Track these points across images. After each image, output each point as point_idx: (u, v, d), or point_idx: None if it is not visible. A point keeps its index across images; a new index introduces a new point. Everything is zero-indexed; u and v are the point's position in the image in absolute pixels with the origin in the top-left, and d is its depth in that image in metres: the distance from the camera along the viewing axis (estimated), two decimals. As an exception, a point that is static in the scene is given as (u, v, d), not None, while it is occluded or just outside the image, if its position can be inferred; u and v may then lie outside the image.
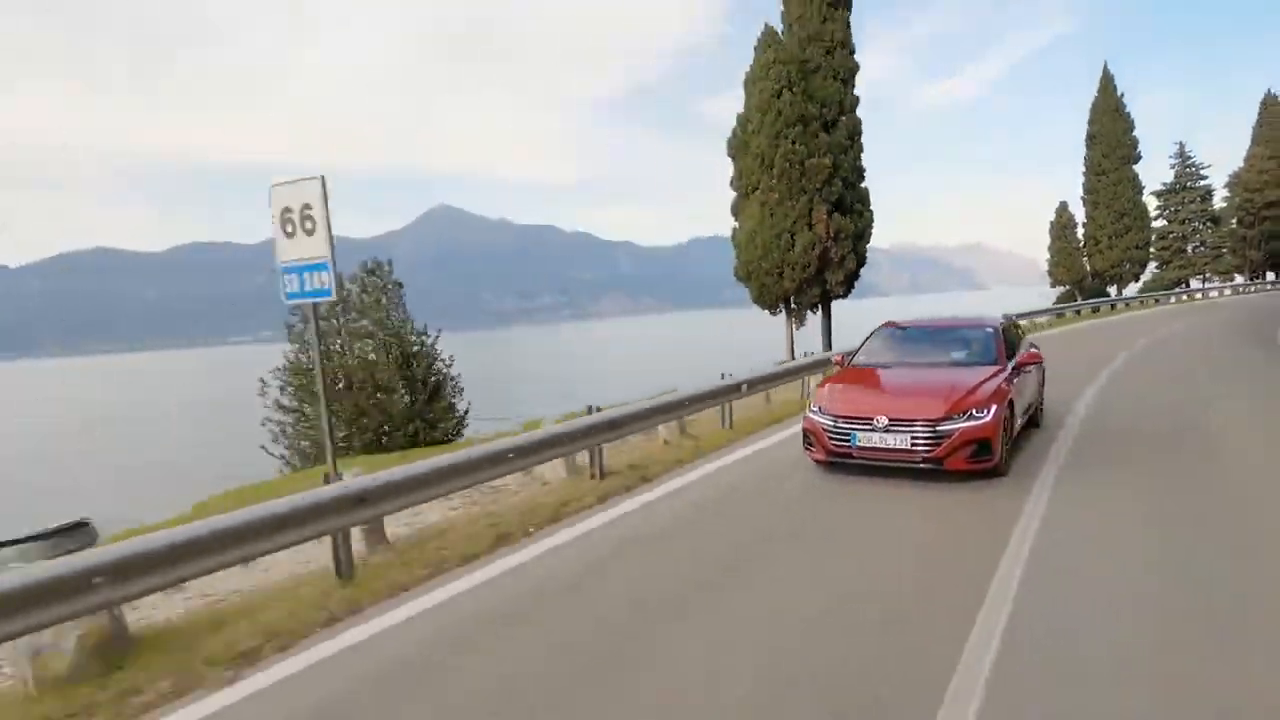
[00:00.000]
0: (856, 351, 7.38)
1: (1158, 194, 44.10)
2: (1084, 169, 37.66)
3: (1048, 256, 39.47)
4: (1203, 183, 44.63)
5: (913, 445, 5.63)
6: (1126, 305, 31.84)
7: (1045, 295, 39.54)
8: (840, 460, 6.01)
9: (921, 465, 5.64)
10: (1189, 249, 45.33)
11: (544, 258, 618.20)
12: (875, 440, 5.76)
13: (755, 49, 17.58)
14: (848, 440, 5.87)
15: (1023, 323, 22.99)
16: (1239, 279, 45.24)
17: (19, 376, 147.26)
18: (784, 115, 16.97)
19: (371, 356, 13.82)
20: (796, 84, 17.11)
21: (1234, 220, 45.35)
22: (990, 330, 7.00)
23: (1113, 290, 36.90)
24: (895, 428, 5.69)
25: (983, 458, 5.60)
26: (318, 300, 5.15)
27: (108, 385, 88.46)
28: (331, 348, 13.81)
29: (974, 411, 5.62)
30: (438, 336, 15.42)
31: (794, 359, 14.60)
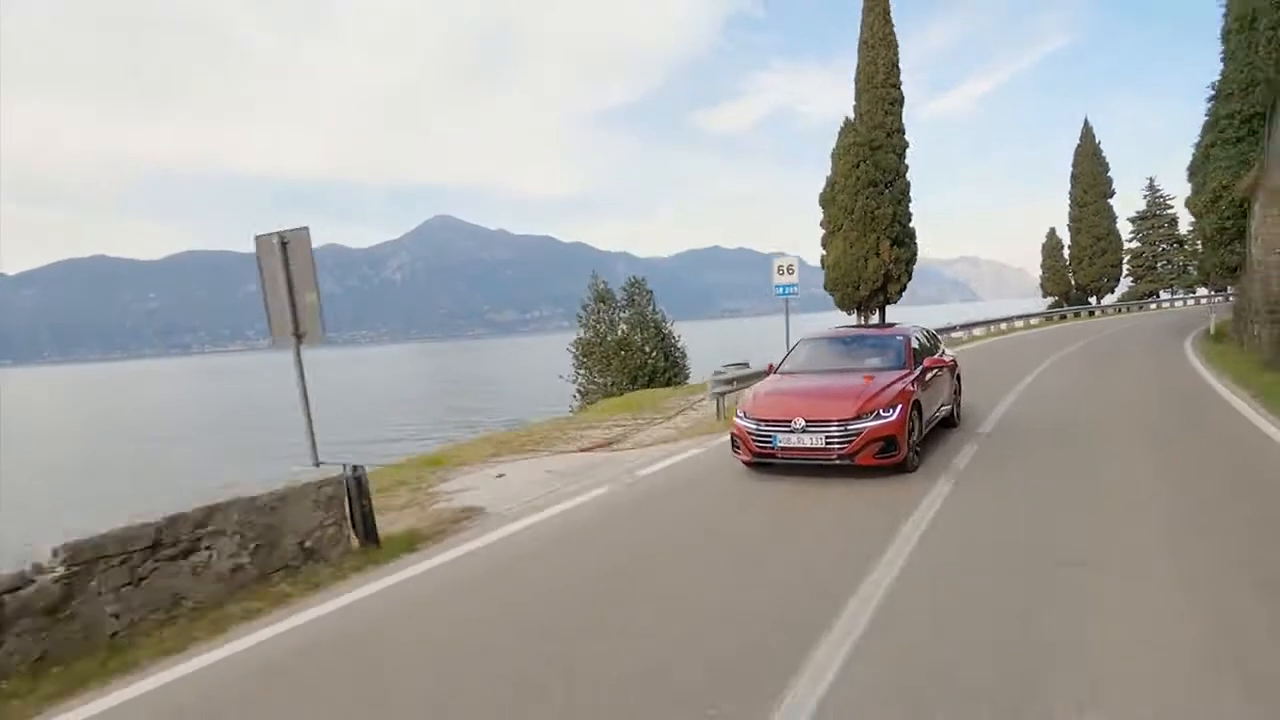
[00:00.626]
0: (784, 360, 8.13)
1: (1132, 220, 53.07)
2: (1069, 201, 46.57)
3: (1040, 271, 48.37)
4: (1169, 211, 53.61)
5: (827, 444, 6.18)
6: (1104, 312, 40.54)
7: (1039, 303, 48.37)
8: (765, 461, 6.63)
9: (836, 462, 6.19)
10: (1159, 266, 54.23)
11: (542, 269, 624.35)
12: (794, 441, 6.30)
13: (839, 132, 26.19)
14: (770, 442, 6.42)
15: (1018, 324, 31.20)
16: (1201, 292, 54.11)
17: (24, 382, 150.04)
18: (860, 180, 25.53)
19: (633, 335, 22.04)
20: (867, 158, 25.67)
21: (1198, 242, 54.26)
22: (900, 339, 7.75)
23: (1093, 300, 45.70)
24: (811, 428, 6.24)
25: (889, 453, 6.18)
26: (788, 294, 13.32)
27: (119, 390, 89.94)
28: (605, 328, 22.16)
29: (881, 411, 6.20)
30: (672, 323, 23.38)
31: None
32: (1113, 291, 46.69)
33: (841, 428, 6.19)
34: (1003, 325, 29.84)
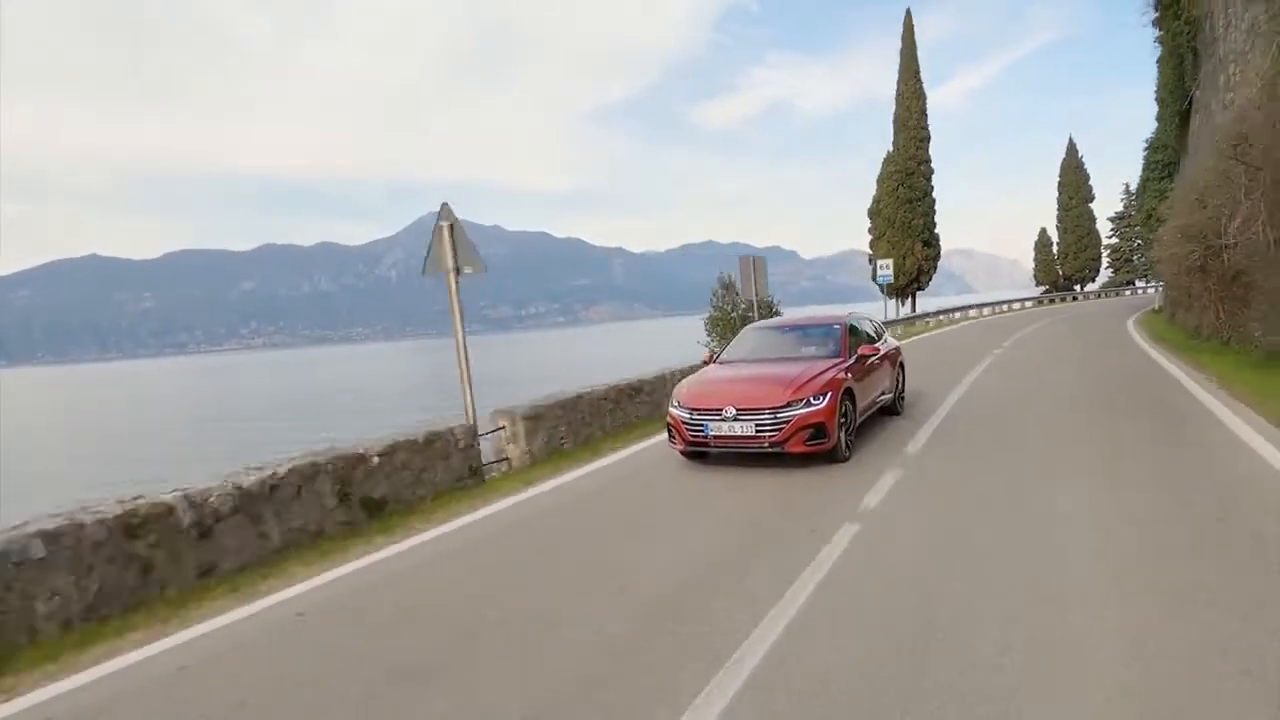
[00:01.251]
0: (725, 350, 8.37)
1: (1111, 220, 62.54)
2: (1057, 205, 55.97)
3: (1032, 265, 57.84)
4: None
5: (757, 431, 6.37)
6: (1085, 297, 49.99)
7: (1033, 291, 57.90)
8: (698, 450, 6.89)
9: (767, 449, 6.38)
10: (1134, 259, 63.87)
11: (537, 265, 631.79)
12: (725, 429, 6.48)
13: (883, 162, 35.39)
14: (702, 430, 6.59)
15: (1018, 305, 40.72)
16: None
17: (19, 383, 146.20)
18: (899, 198, 34.74)
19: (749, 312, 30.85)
20: (904, 182, 34.84)
21: (1168, 238, 63.79)
22: (836, 327, 7.96)
23: (1078, 288, 55.15)
24: (742, 416, 6.43)
25: (819, 441, 6.34)
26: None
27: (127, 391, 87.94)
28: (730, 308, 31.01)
29: (810, 399, 6.37)
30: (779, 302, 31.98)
31: (899, 317, 32.09)
32: (1094, 280, 56.18)
33: (772, 415, 6.31)
34: (1003, 307, 39.24)
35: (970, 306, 35.31)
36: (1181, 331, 17.37)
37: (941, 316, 31.38)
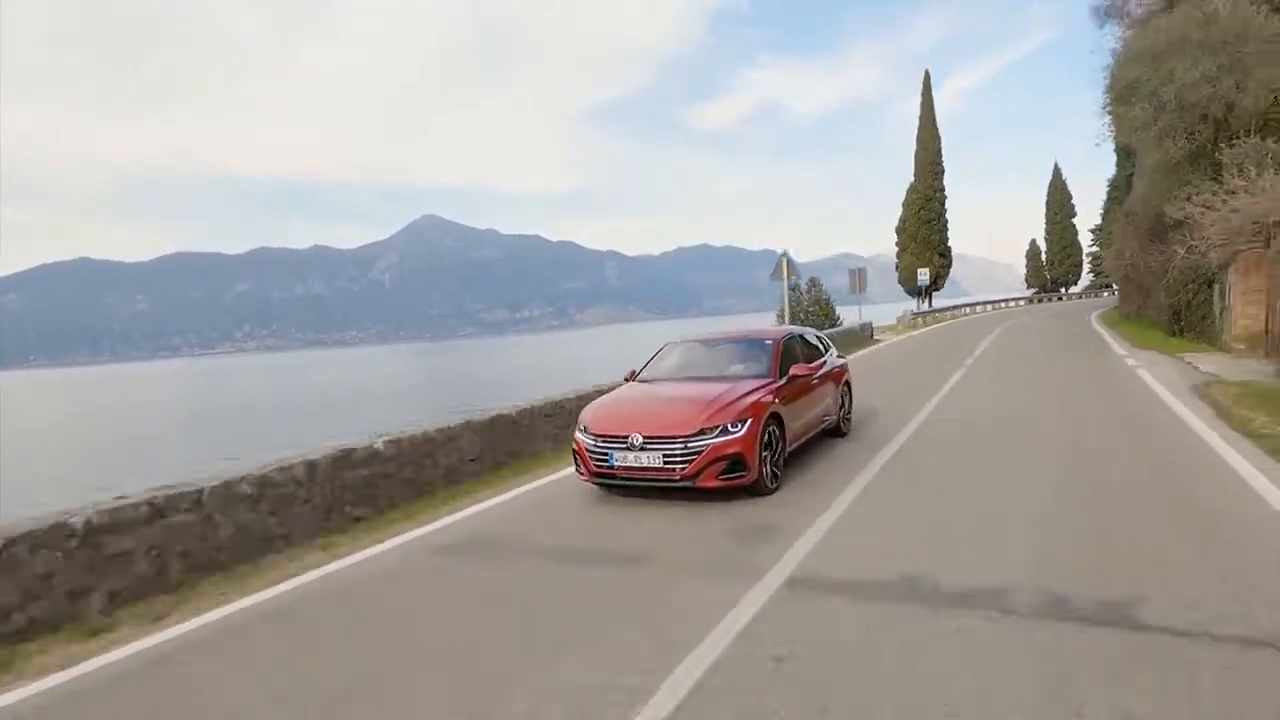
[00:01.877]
0: (644, 366, 7.68)
1: (1092, 230, 73.29)
2: (1044, 220, 66.55)
3: (1024, 270, 68.46)
4: (1119, 224, 74.20)
5: (665, 463, 5.73)
6: (1069, 298, 60.59)
7: (1025, 292, 68.62)
8: (605, 481, 6.21)
9: (678, 484, 5.74)
10: (1112, 265, 74.81)
11: (531, 268, 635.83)
12: (631, 459, 5.84)
13: (908, 190, 45.60)
14: (607, 460, 5.97)
15: (1013, 303, 51.23)
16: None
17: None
18: (920, 219, 45.03)
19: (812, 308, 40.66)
20: (924, 207, 45.10)
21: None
22: (768, 343, 7.26)
23: (1062, 290, 65.73)
24: (650, 445, 5.80)
25: (736, 474, 5.69)
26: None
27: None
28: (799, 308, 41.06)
29: (728, 426, 5.74)
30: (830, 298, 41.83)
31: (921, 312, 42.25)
32: (1076, 284, 66.81)
33: (682, 445, 5.70)
34: (1004, 304, 49.70)
35: (979, 303, 45.95)
36: (1116, 315, 27.73)
37: (957, 310, 41.81)
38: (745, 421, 5.89)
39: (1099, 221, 75.56)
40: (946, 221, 46.41)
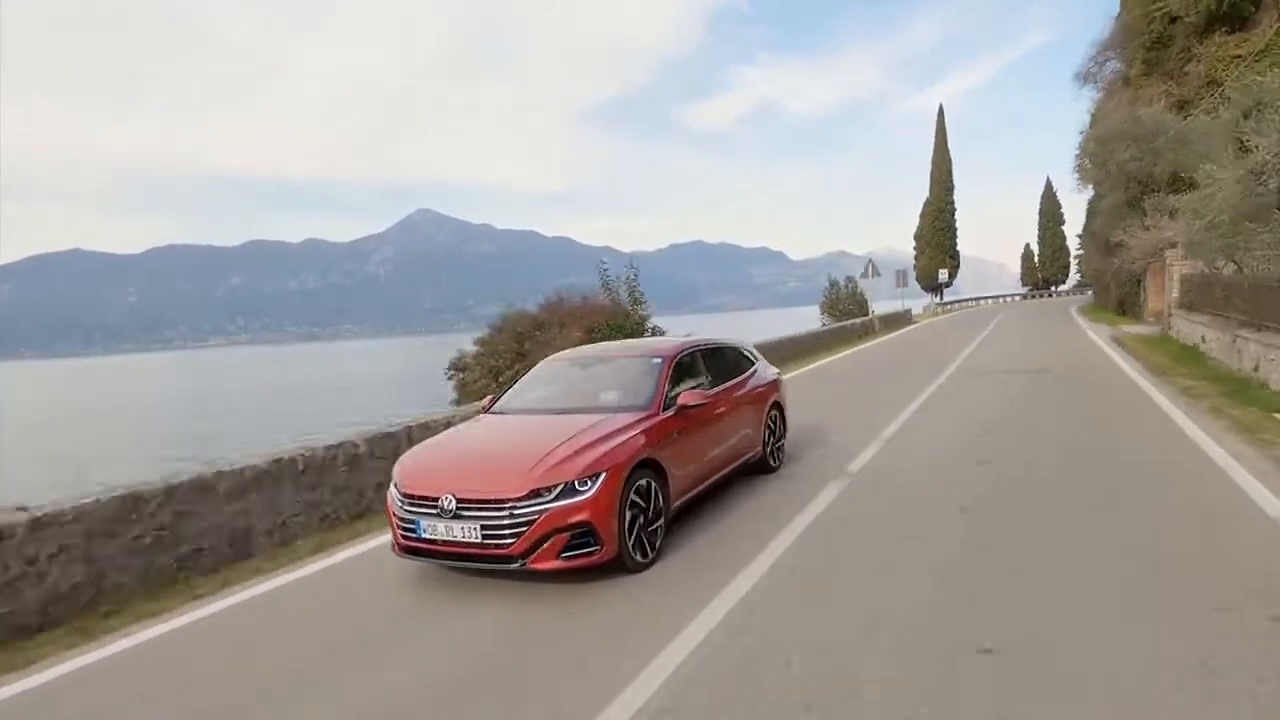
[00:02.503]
0: (506, 391, 6.09)
1: (1079, 235, 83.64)
2: (1037, 226, 76.66)
3: (1019, 270, 78.63)
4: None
5: (485, 537, 4.16)
6: (1058, 294, 70.86)
7: (1020, 290, 78.86)
8: (416, 558, 4.58)
9: (505, 564, 4.20)
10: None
11: (526, 263, 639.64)
12: (442, 530, 4.27)
13: (924, 204, 55.39)
14: (414, 529, 4.39)
15: (1012, 298, 61.50)
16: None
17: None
18: (935, 228, 54.92)
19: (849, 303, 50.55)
20: (938, 218, 54.98)
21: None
22: (655, 362, 5.59)
23: (1052, 288, 75.96)
24: (466, 511, 4.23)
25: (584, 551, 4.20)
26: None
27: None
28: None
29: (574, 484, 4.22)
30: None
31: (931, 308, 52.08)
32: (1064, 283, 77.08)
33: (507, 512, 4.13)
34: (1003, 299, 59.80)
35: (984, 297, 55.99)
36: (1091, 305, 37.68)
37: (966, 303, 51.81)
38: (598, 476, 4.26)
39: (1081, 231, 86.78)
40: (956, 230, 56.33)
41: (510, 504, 4.20)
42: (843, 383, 14.04)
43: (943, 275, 47.81)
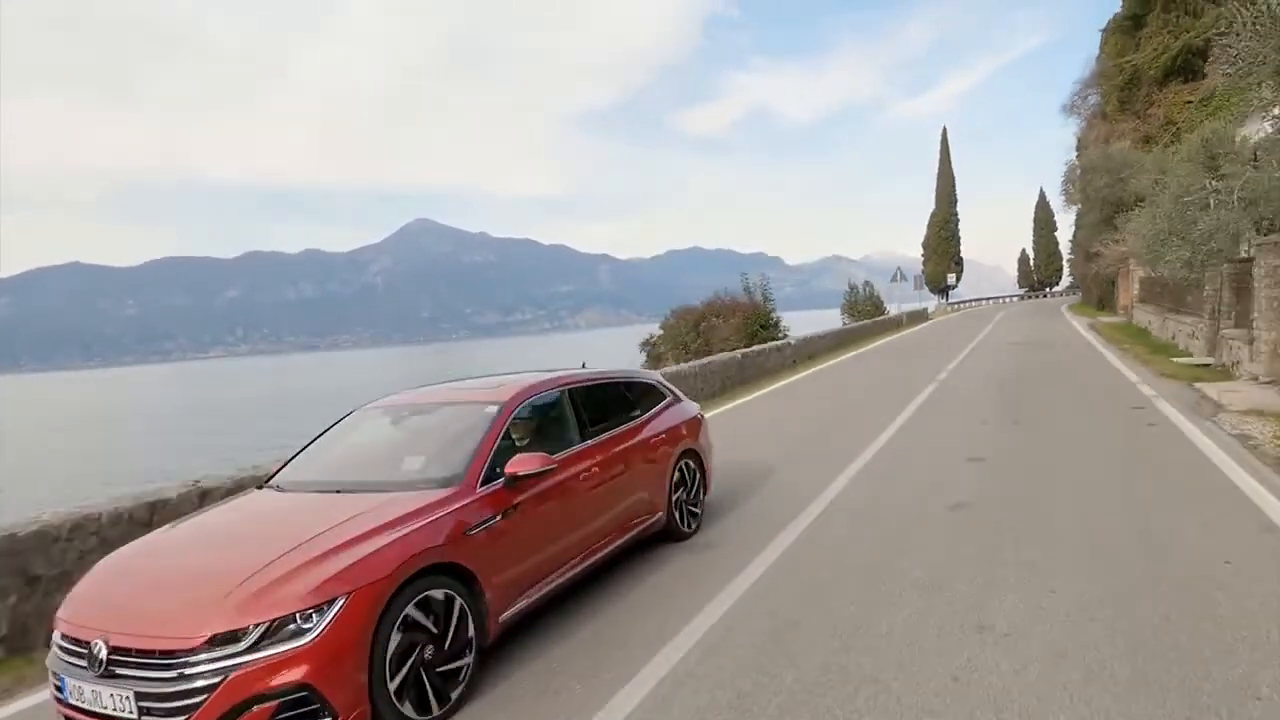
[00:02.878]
0: (297, 454, 4.46)
1: (1070, 241, 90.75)
2: (1032, 232, 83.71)
3: (1015, 273, 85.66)
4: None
5: (141, 712, 2.69)
6: (1052, 295, 77.81)
7: (1018, 291, 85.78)
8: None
9: None
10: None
11: (523, 271, 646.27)
12: (87, 695, 2.79)
13: (930, 215, 62.35)
14: (61, 686, 2.93)
15: (1011, 299, 68.66)
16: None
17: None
18: (940, 237, 61.87)
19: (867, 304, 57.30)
20: (943, 228, 61.91)
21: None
22: (488, 411, 4.08)
23: (1047, 289, 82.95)
24: (120, 665, 2.78)
25: None
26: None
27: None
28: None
29: (290, 619, 2.76)
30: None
31: (933, 309, 58.84)
32: (1057, 285, 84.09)
33: (175, 672, 2.69)
34: (1003, 299, 66.66)
35: (986, 298, 62.73)
36: (1079, 304, 44.48)
37: (971, 304, 58.62)
38: (333, 604, 2.81)
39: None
40: (959, 240, 63.20)
41: (181, 656, 2.67)
42: (901, 355, 20.74)
43: (950, 279, 54.58)
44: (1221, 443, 7.09)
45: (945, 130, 63.34)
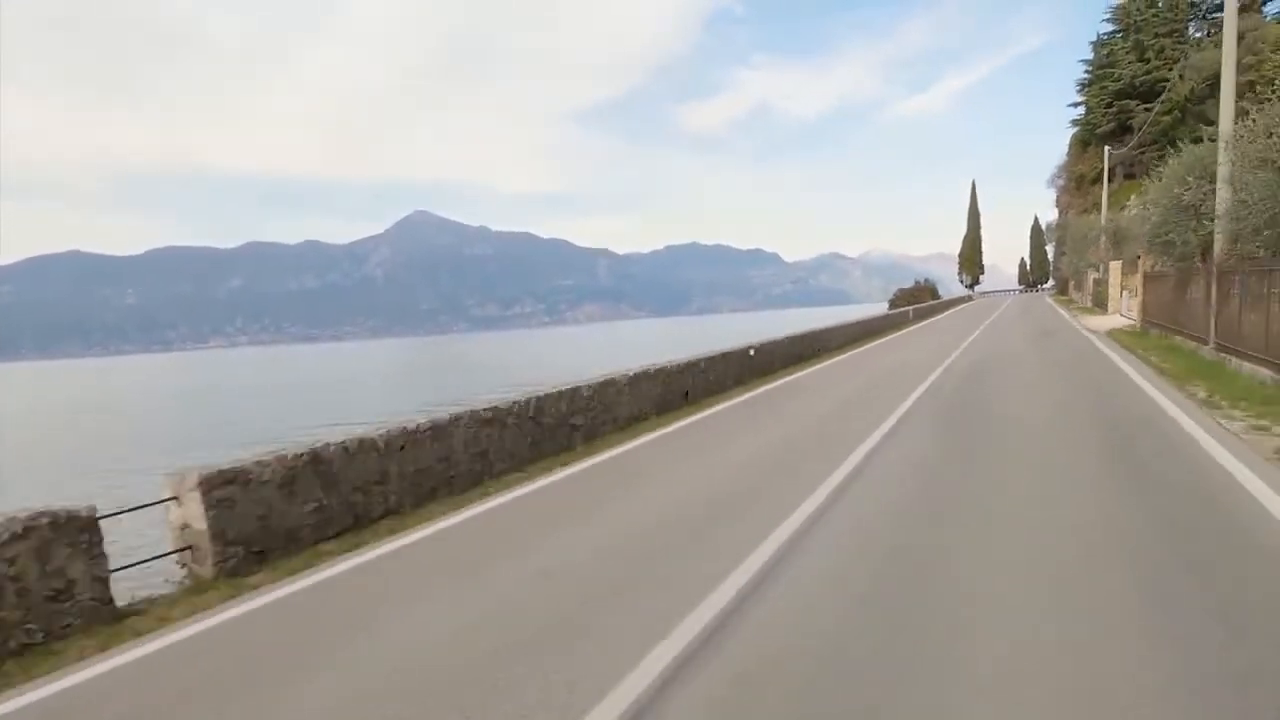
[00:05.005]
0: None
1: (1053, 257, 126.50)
2: (1029, 246, 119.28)
3: (1011, 271, 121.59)
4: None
5: None
6: (1041, 290, 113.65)
7: (1017, 287, 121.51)
8: None
9: None
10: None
11: (522, 264, 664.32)
12: None
13: (963, 238, 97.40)
14: None
15: (1014, 292, 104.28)
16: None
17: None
18: (970, 250, 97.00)
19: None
20: (973, 245, 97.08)
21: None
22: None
23: (1039, 286, 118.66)
24: None
25: None
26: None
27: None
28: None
29: None
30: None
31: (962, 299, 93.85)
32: (1046, 282, 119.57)
33: None
34: (1010, 292, 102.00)
35: (997, 291, 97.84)
36: (1055, 294, 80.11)
37: (990, 294, 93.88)
38: None
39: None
40: (982, 250, 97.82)
41: None
42: (979, 307, 55.25)
43: (982, 279, 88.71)
44: (1078, 322, 41.76)
45: (974, 183, 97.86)
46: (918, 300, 54.74)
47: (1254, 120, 12.23)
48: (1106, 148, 46.84)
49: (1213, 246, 14.00)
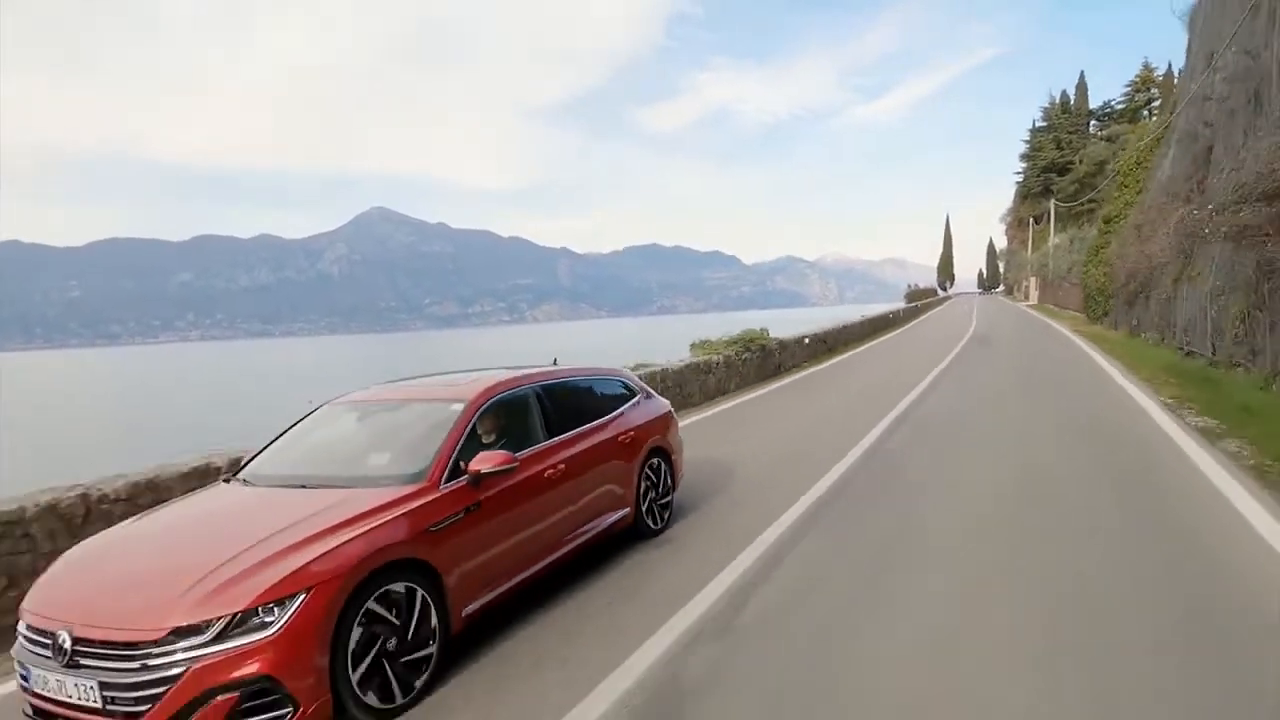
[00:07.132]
0: (265, 447, 5.04)
1: (1003, 270, 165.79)
2: (985, 260, 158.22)
3: (970, 277, 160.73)
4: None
5: (106, 703, 3.09)
6: (994, 293, 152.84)
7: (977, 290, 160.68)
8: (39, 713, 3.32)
9: None
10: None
11: (482, 263, 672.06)
12: (52, 684, 3.20)
13: (940, 256, 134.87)
14: (27, 676, 3.32)
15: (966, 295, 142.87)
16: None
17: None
18: (944, 263, 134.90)
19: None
20: (946, 260, 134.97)
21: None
22: (454, 408, 4.64)
23: (993, 289, 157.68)
24: (84, 656, 3.15)
25: (268, 715, 3.12)
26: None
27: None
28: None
29: (251, 613, 3.14)
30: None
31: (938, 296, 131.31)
32: (998, 287, 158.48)
33: (138, 663, 3.07)
34: (972, 294, 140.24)
35: (964, 293, 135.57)
36: (1008, 296, 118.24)
37: (958, 295, 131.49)
38: (294, 598, 3.22)
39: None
40: (953, 264, 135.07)
41: (144, 648, 3.06)
42: (955, 302, 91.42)
43: (952, 283, 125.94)
44: (1014, 305, 77.99)
45: (948, 215, 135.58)
46: (926, 297, 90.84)
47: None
48: (1031, 218, 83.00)
49: (1059, 273, 50.25)
